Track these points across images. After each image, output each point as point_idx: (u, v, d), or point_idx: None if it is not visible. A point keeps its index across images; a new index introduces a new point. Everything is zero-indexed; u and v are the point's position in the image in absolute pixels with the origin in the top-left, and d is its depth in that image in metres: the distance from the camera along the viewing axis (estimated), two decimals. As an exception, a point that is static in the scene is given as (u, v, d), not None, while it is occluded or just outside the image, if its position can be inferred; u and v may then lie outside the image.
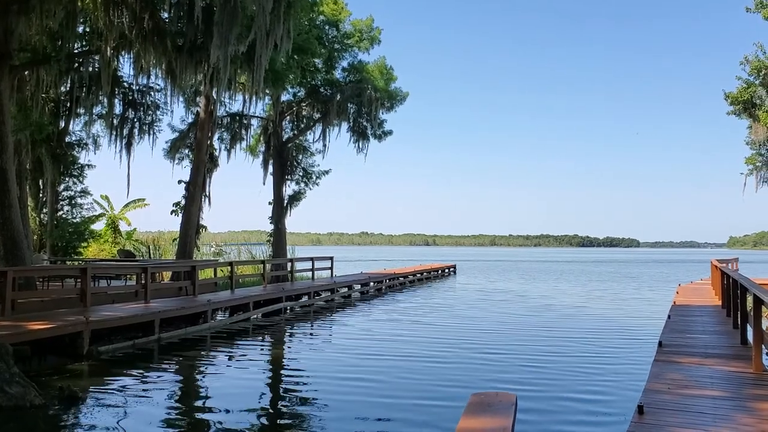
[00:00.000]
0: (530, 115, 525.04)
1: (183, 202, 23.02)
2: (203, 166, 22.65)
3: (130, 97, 21.81)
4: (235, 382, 9.69)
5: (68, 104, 20.98)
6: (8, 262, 13.75)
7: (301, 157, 28.42)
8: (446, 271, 40.88)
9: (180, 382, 10.01)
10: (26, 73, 16.42)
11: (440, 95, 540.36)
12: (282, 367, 11.53)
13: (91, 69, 17.89)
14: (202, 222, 24.24)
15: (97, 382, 9.39)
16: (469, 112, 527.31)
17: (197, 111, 23.10)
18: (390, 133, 28.62)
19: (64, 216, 25.00)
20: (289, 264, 23.81)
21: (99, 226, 31.61)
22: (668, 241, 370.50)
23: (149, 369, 10.65)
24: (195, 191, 22.33)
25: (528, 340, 13.82)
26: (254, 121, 27.15)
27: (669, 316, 13.04)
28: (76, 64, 17.62)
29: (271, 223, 27.96)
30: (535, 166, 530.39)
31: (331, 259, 26.65)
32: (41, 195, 24.23)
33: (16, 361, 8.14)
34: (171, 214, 24.28)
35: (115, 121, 21.55)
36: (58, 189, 24.56)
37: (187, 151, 24.87)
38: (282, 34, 15.49)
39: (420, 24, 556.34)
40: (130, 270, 18.30)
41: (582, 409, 7.91)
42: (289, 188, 27.99)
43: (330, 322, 17.36)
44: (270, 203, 27.78)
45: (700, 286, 23.53)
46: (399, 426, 7.30)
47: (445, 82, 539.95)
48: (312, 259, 24.94)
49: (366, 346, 13.04)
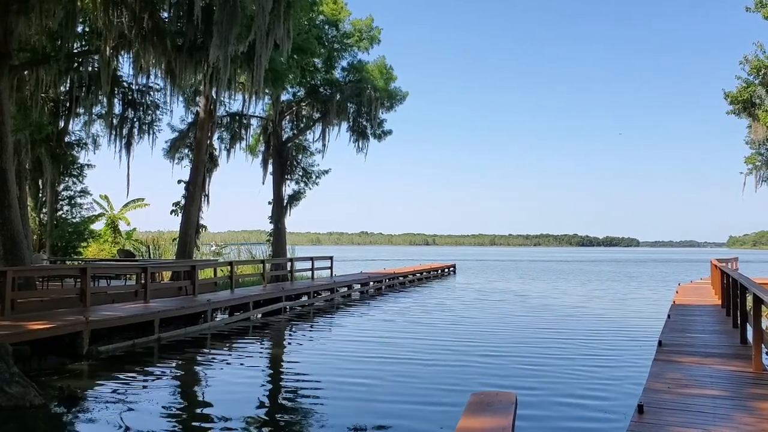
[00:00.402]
0: (530, 115, 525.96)
1: (183, 201, 23.02)
2: (203, 166, 22.65)
3: (130, 97, 21.81)
4: (234, 382, 9.69)
5: (68, 104, 20.97)
6: (8, 261, 13.74)
7: (300, 156, 28.43)
8: (446, 270, 40.88)
9: (180, 381, 10.01)
10: (26, 72, 16.42)
11: (440, 94, 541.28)
12: (281, 367, 11.53)
13: (90, 69, 17.89)
14: (201, 222, 24.24)
15: (96, 382, 9.39)
16: (468, 111, 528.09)
17: (197, 111, 23.09)
18: (390, 132, 28.67)
19: (63, 216, 24.99)
20: (289, 264, 23.81)
21: (99, 226, 31.64)
22: (668, 241, 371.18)
23: (149, 369, 10.65)
24: (195, 191, 22.33)
25: (528, 340, 13.82)
26: (254, 121, 27.18)
27: (669, 316, 13.05)
28: (76, 64, 17.62)
29: (270, 222, 27.97)
30: (535, 166, 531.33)
31: (330, 258, 26.65)
32: (41, 195, 24.21)
33: (15, 361, 8.14)
34: (171, 213, 24.29)
35: (114, 121, 21.54)
36: (58, 189, 24.56)
37: (186, 150, 24.86)
38: (282, 34, 15.50)
39: (420, 23, 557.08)
40: (129, 270, 18.31)
41: (582, 409, 7.90)
42: (288, 188, 28.04)
43: (330, 321, 17.36)
44: (270, 203, 27.80)
45: (699, 285, 23.54)
46: (399, 426, 7.29)
47: (445, 82, 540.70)
48: (312, 259, 24.95)
49: (366, 346, 13.05)
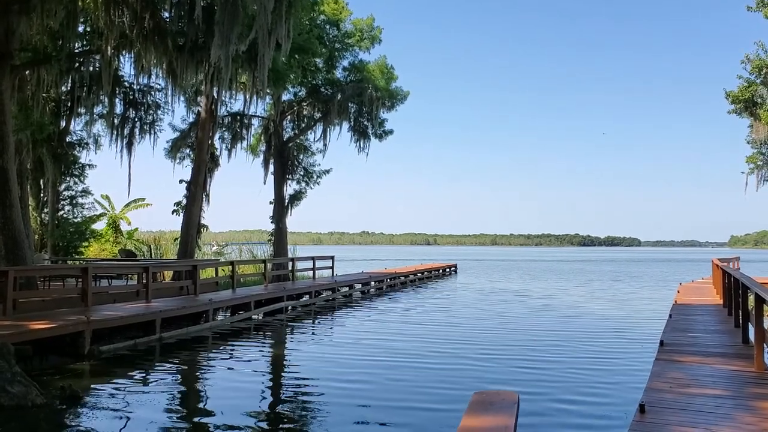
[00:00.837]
0: (531, 114, 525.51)
1: (184, 201, 23.04)
2: (204, 166, 22.67)
3: (131, 97, 21.84)
4: (236, 382, 9.69)
5: (69, 104, 21.00)
6: (9, 261, 13.76)
7: (301, 156, 28.45)
8: (447, 270, 40.86)
9: (181, 381, 10.01)
10: (27, 72, 16.44)
11: (441, 94, 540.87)
12: (283, 367, 11.53)
13: (91, 68, 17.92)
14: (203, 221, 24.27)
15: (98, 382, 9.40)
16: (469, 110, 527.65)
17: (198, 110, 23.11)
18: (391, 132, 28.66)
19: (65, 216, 25.01)
20: (291, 263, 23.82)
21: (100, 225, 31.66)
22: (669, 240, 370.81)
23: (150, 368, 10.65)
24: (196, 191, 22.35)
25: (529, 340, 13.81)
26: (255, 121, 27.21)
27: (670, 315, 13.04)
28: (77, 64, 17.65)
29: (272, 222, 28.00)
30: (536, 165, 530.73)
31: (332, 258, 26.64)
32: (42, 195, 24.23)
33: (17, 360, 8.15)
34: (172, 213, 24.33)
35: (115, 121, 21.58)
36: (59, 189, 24.57)
37: (188, 150, 24.89)
38: (283, 34, 15.49)
39: (420, 23, 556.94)
40: (131, 269, 18.32)
41: (583, 408, 7.90)
42: (289, 187, 28.08)
43: (331, 321, 17.36)
44: (271, 203, 27.82)
45: (701, 285, 23.52)
46: (400, 426, 7.29)
47: (446, 81, 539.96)
48: (313, 259, 24.95)
49: (367, 346, 13.04)
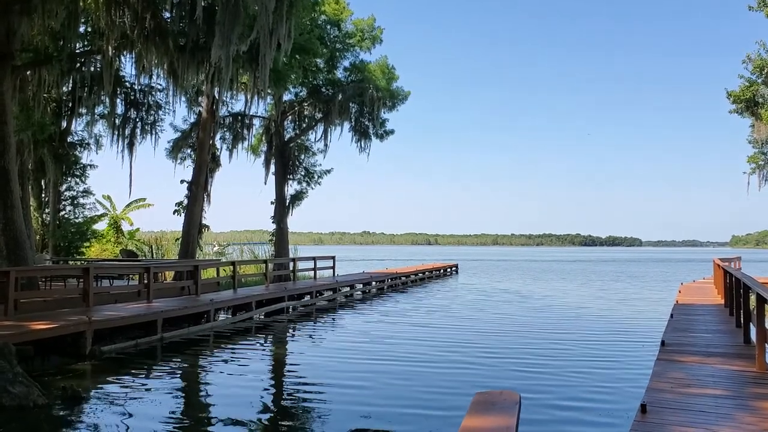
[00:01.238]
0: (532, 114, 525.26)
1: (185, 201, 23.04)
2: (205, 166, 22.68)
3: (132, 97, 21.86)
4: (237, 382, 9.69)
5: (70, 104, 21.03)
6: (11, 262, 13.77)
7: (302, 156, 28.45)
8: (448, 270, 40.85)
9: (182, 381, 10.02)
10: (28, 73, 16.46)
11: (442, 94, 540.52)
12: (284, 367, 11.54)
13: (92, 69, 17.93)
14: (204, 221, 24.28)
15: (99, 382, 9.41)
16: (470, 110, 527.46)
17: (199, 111, 23.12)
18: (392, 132, 28.63)
19: (66, 216, 25.03)
20: (292, 263, 23.82)
21: (101, 226, 31.66)
22: (670, 240, 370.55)
23: (152, 369, 10.66)
24: (197, 191, 22.37)
25: (530, 340, 13.81)
26: (256, 121, 27.21)
27: (671, 315, 13.04)
28: (78, 64, 17.66)
29: (273, 222, 28.00)
30: (537, 165, 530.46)
31: (333, 258, 26.64)
32: (43, 195, 24.25)
33: (19, 360, 8.16)
34: (173, 213, 24.29)
35: (117, 121, 21.59)
36: (61, 189, 24.59)
37: (189, 150, 24.89)
38: (284, 34, 15.50)
39: (421, 23, 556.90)
40: (132, 270, 18.32)
41: (585, 408, 7.90)
42: (291, 188, 28.07)
43: (332, 321, 17.36)
44: (272, 203, 27.82)
45: (702, 285, 23.50)
46: (401, 427, 7.29)
47: (447, 81, 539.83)
48: (314, 259, 24.94)
49: (368, 346, 13.05)
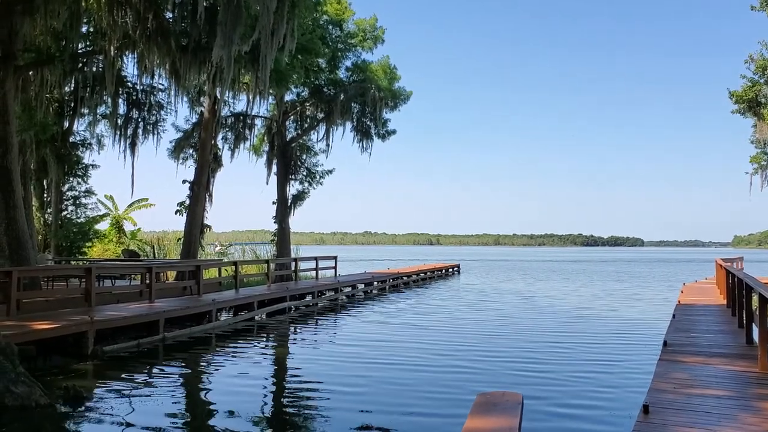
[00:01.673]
0: (534, 114, 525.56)
1: (187, 201, 23.06)
2: (207, 166, 22.69)
3: (134, 97, 21.87)
4: (239, 383, 9.69)
5: (72, 104, 21.06)
6: (13, 262, 13.79)
7: (304, 156, 28.43)
8: (450, 270, 40.83)
9: (184, 381, 10.02)
10: (30, 73, 16.47)
11: (443, 94, 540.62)
12: (285, 367, 11.54)
13: (95, 69, 17.93)
14: (206, 222, 24.28)
15: (101, 382, 9.41)
16: (473, 110, 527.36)
17: (201, 111, 23.13)
18: (394, 132, 28.59)
19: (68, 216, 25.07)
20: (293, 263, 23.84)
21: (103, 226, 31.70)
22: (672, 240, 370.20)
23: (154, 369, 10.66)
24: (199, 191, 22.38)
25: (532, 340, 13.79)
26: (258, 121, 27.20)
27: (674, 316, 13.02)
28: (80, 64, 17.66)
29: (275, 222, 27.99)
30: (539, 165, 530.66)
31: (334, 258, 26.65)
32: (45, 195, 24.30)
33: (21, 360, 8.15)
34: (175, 213, 24.32)
35: (119, 121, 21.60)
36: (63, 189, 24.64)
37: (191, 150, 24.90)
38: (286, 34, 15.50)
39: (422, 23, 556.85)
40: (134, 270, 18.32)
41: (587, 409, 7.89)
42: (292, 188, 28.05)
43: (334, 321, 17.36)
44: (274, 203, 27.81)
45: (704, 285, 23.47)
46: (403, 427, 7.29)
47: (448, 81, 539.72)
48: (316, 259, 24.96)
49: (370, 346, 13.04)
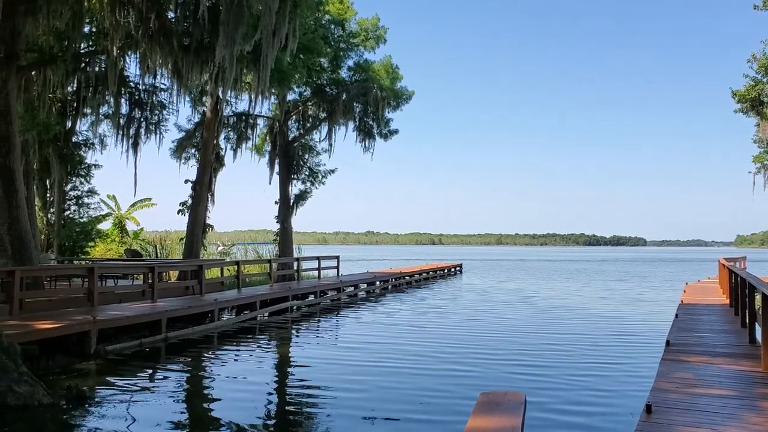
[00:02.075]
0: (536, 114, 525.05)
1: (189, 201, 23.07)
2: (210, 166, 22.71)
3: (137, 97, 21.88)
4: (241, 382, 9.70)
5: (75, 104, 21.09)
6: (16, 261, 13.81)
7: (307, 156, 28.42)
8: (452, 270, 40.81)
9: (187, 381, 10.03)
10: (33, 73, 16.49)
11: (444, 94, 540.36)
12: (288, 367, 11.55)
13: (97, 69, 17.94)
14: (208, 221, 24.30)
15: (104, 382, 9.42)
16: (474, 110, 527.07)
17: (203, 111, 23.15)
18: (396, 132, 28.56)
19: (71, 216, 25.10)
20: (296, 263, 23.85)
21: (106, 225, 31.78)
22: (675, 240, 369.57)
23: (156, 368, 10.68)
24: (201, 191, 22.39)
25: (535, 340, 13.78)
26: (260, 121, 27.20)
27: (676, 315, 13.00)
28: (83, 64, 17.68)
29: (277, 222, 27.98)
30: (540, 165, 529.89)
31: (337, 258, 26.66)
32: (48, 195, 24.34)
33: (24, 360, 8.17)
34: (178, 213, 24.33)
35: (121, 121, 21.62)
36: (65, 189, 24.67)
37: (193, 150, 24.91)
38: (288, 34, 15.49)
39: (423, 23, 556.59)
40: (137, 269, 18.33)
41: (589, 408, 7.88)
42: (295, 187, 28.02)
43: (336, 321, 17.37)
44: (276, 202, 27.81)
45: (707, 284, 23.43)
46: (405, 427, 7.29)
47: (449, 81, 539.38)
48: (318, 259, 24.97)
49: (372, 346, 13.04)
